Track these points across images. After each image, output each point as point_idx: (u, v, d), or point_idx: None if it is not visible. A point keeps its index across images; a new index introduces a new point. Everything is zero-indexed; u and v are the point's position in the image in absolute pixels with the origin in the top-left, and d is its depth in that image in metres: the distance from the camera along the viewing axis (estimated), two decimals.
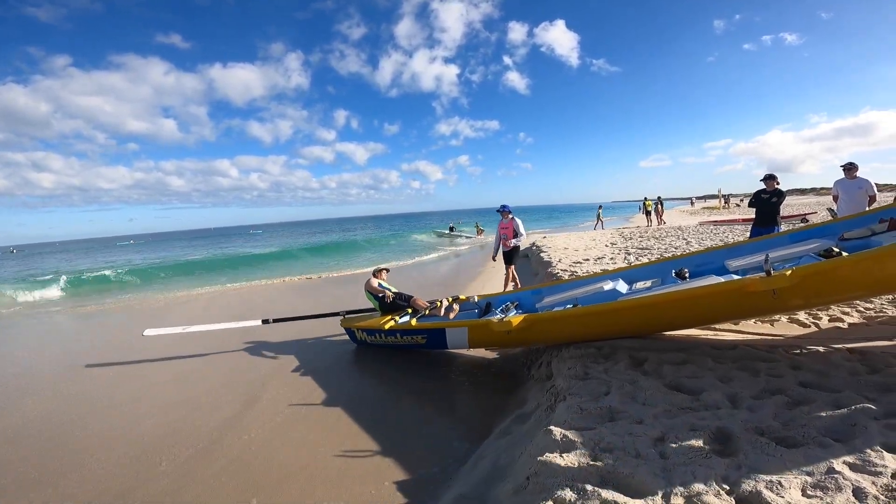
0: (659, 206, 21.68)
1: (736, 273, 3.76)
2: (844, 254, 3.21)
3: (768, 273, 2.69)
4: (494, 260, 7.13)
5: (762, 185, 6.29)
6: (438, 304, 5.03)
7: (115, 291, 13.18)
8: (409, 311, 5.11)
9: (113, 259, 30.84)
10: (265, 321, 5.57)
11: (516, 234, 6.77)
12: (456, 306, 5.06)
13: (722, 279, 3.29)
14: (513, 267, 6.95)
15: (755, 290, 2.73)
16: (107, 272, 16.16)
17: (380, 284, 5.49)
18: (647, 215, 21.74)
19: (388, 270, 6.01)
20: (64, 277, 14.63)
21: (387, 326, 4.73)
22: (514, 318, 3.61)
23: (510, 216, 6.86)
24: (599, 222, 24.20)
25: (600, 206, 26.39)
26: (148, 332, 5.43)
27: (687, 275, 4.06)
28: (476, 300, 5.22)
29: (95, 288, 14.05)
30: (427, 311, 4.98)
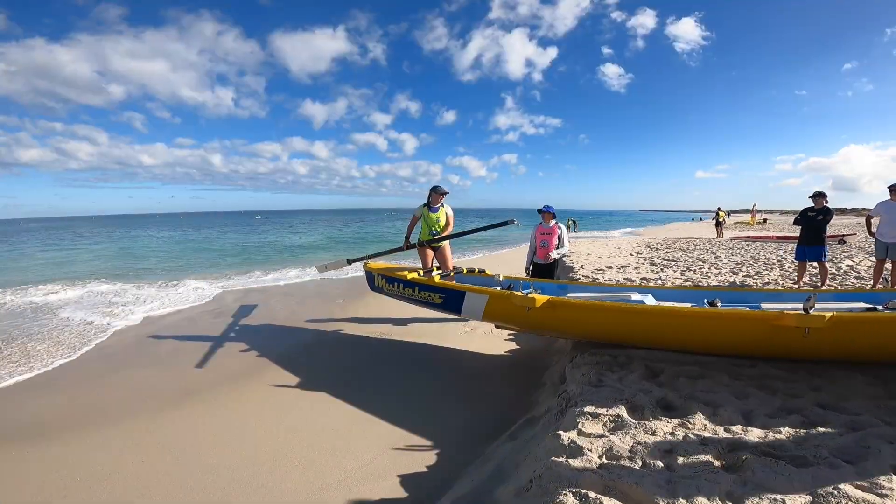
0: (726, 217, 20.27)
1: None
2: None
3: (807, 311, 2.61)
4: (528, 273, 5.55)
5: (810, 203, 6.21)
6: (464, 271, 5.23)
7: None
8: (436, 268, 5.27)
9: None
10: (349, 261, 6.09)
11: (560, 244, 5.35)
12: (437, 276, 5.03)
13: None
14: None
15: (787, 324, 2.68)
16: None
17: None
18: (717, 226, 19.74)
19: (446, 194, 5.68)
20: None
21: (409, 277, 4.72)
22: (539, 296, 3.49)
23: (553, 220, 5.38)
24: (720, 227, 19.74)
25: (719, 208, 21.27)
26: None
27: (719, 304, 3.95)
28: (500, 279, 4.94)
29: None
30: (452, 274, 5.11)
